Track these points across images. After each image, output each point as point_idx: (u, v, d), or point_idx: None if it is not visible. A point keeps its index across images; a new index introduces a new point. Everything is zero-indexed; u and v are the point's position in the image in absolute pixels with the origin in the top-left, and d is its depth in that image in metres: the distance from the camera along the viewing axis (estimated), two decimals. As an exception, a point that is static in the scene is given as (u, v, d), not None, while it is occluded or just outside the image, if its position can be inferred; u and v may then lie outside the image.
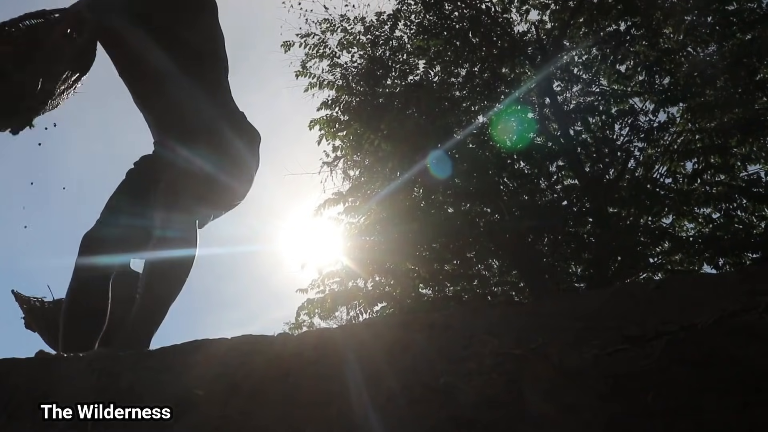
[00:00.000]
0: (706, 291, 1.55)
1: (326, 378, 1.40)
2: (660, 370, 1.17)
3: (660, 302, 1.54)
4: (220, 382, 1.46)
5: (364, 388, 1.32)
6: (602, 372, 1.20)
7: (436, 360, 1.40)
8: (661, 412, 1.07)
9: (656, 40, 10.12)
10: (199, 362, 1.60)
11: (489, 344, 1.40)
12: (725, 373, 1.12)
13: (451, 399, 1.22)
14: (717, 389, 1.09)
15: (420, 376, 1.33)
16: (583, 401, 1.14)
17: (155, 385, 1.51)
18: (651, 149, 10.13)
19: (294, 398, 1.35)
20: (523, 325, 1.52)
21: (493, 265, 11.07)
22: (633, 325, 1.39)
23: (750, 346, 1.18)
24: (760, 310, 1.28)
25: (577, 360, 1.26)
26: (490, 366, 1.30)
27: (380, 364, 1.42)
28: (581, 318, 1.50)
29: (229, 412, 1.34)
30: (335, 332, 1.83)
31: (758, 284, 1.51)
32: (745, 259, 8.16)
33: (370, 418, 1.23)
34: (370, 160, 10.58)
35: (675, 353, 1.21)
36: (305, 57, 11.22)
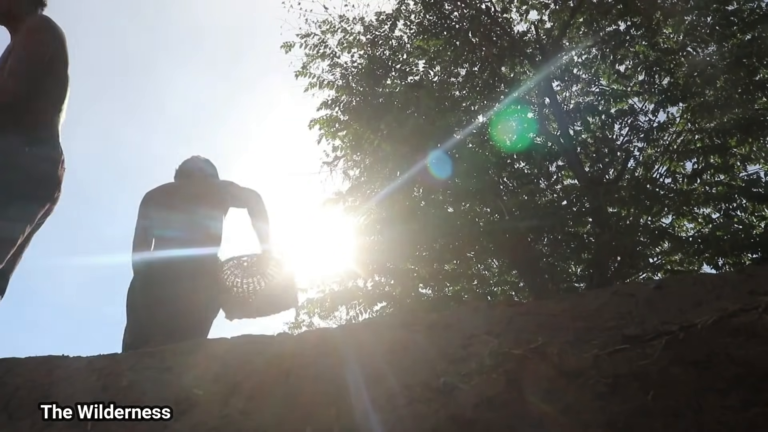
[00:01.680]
0: (706, 291, 1.55)
1: (326, 378, 1.40)
2: (660, 370, 1.17)
3: (660, 302, 1.54)
4: (220, 382, 1.46)
5: (364, 388, 1.32)
6: (602, 372, 1.20)
7: (436, 360, 1.40)
8: (661, 412, 1.07)
9: (656, 40, 10.12)
10: (199, 362, 1.60)
11: (489, 344, 1.40)
12: (725, 373, 1.12)
13: (451, 399, 1.22)
14: (717, 389, 1.09)
15: (420, 376, 1.33)
16: (583, 401, 1.14)
17: (155, 385, 1.51)
18: (651, 149, 10.14)
19: (294, 398, 1.35)
20: (523, 325, 1.52)
21: (493, 265, 11.08)
22: (633, 325, 1.39)
23: (750, 346, 1.18)
24: (760, 310, 1.28)
25: (577, 360, 1.26)
26: (490, 366, 1.30)
27: (380, 364, 1.42)
28: (581, 318, 1.50)
29: (229, 412, 1.34)
30: (335, 332, 1.83)
31: (758, 284, 1.51)
32: (745, 259, 8.15)
33: (370, 418, 1.23)
34: (370, 160, 10.58)
35: (675, 353, 1.21)
36: (306, 58, 11.23)
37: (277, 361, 1.52)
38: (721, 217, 8.74)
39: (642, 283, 2.07)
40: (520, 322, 1.56)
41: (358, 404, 1.29)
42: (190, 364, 1.60)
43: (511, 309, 1.70)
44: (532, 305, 1.73)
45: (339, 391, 1.34)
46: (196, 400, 1.41)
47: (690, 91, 9.24)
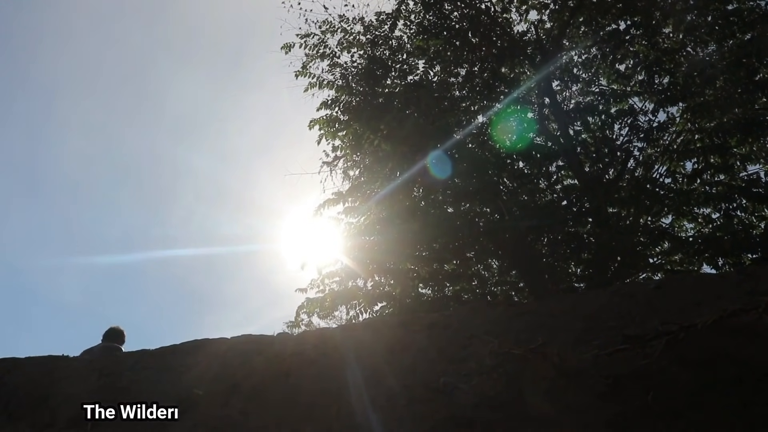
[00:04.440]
0: (706, 291, 1.55)
1: (326, 378, 1.40)
2: (660, 370, 1.17)
3: (660, 302, 1.54)
4: (220, 382, 1.46)
5: (364, 388, 1.32)
6: (602, 372, 1.20)
7: (436, 360, 1.40)
8: (661, 412, 1.07)
9: (656, 39, 10.12)
10: (199, 362, 1.59)
11: (489, 344, 1.40)
12: (725, 373, 1.12)
13: (451, 399, 1.22)
14: (717, 389, 1.09)
15: (420, 376, 1.33)
16: (583, 401, 1.14)
17: (155, 385, 1.51)
18: (651, 149, 10.13)
19: (294, 398, 1.35)
20: (523, 325, 1.52)
21: (493, 265, 11.07)
22: (633, 325, 1.39)
23: (750, 346, 1.18)
24: (760, 310, 1.28)
25: (577, 360, 1.26)
26: (490, 366, 1.30)
27: (380, 364, 1.42)
28: (581, 318, 1.50)
29: (229, 412, 1.34)
30: (335, 332, 1.83)
31: (758, 284, 1.51)
32: (745, 259, 8.15)
33: (370, 418, 1.23)
34: (369, 160, 10.57)
35: (675, 353, 1.21)
36: (306, 58, 11.22)
37: (277, 360, 1.52)
38: (721, 217, 8.74)
39: (642, 283, 2.07)
40: (520, 322, 1.56)
41: (358, 404, 1.29)
42: (190, 364, 1.60)
43: (511, 309, 1.71)
44: (532, 305, 1.73)
45: (339, 391, 1.34)
46: (197, 400, 1.41)
47: (690, 91, 9.24)
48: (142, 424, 1.38)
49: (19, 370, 1.68)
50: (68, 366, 1.70)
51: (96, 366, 1.64)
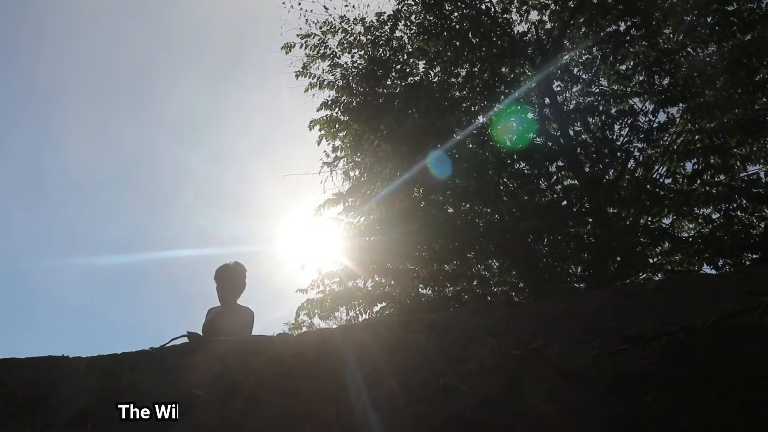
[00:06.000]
0: (706, 291, 1.55)
1: (326, 378, 1.40)
2: (660, 370, 1.17)
3: (660, 302, 1.54)
4: (220, 382, 1.46)
5: (364, 388, 1.32)
6: (602, 372, 1.20)
7: (436, 360, 1.40)
8: (661, 412, 1.07)
9: (656, 40, 10.12)
10: (199, 362, 1.59)
11: (489, 344, 1.40)
12: (725, 373, 1.12)
13: (451, 399, 1.21)
14: (717, 389, 1.09)
15: (420, 376, 1.33)
16: (583, 401, 1.14)
17: (155, 385, 1.51)
18: (651, 149, 10.13)
19: (294, 398, 1.35)
20: (523, 325, 1.52)
21: (493, 265, 11.07)
22: (633, 326, 1.39)
23: (750, 346, 1.18)
24: (760, 310, 1.28)
25: (577, 360, 1.26)
26: (490, 366, 1.29)
27: (380, 364, 1.42)
28: (581, 318, 1.50)
29: (229, 412, 1.34)
30: (335, 332, 1.83)
31: (758, 284, 1.51)
32: (745, 260, 8.15)
33: (370, 418, 1.23)
34: (370, 160, 10.57)
35: (675, 353, 1.21)
36: (306, 59, 11.22)
37: (277, 361, 1.52)
38: (721, 217, 8.73)
39: (642, 283, 2.07)
40: (520, 322, 1.56)
41: (358, 404, 1.29)
42: (190, 364, 1.60)
43: (511, 309, 1.71)
44: (532, 305, 1.73)
45: (339, 391, 1.34)
46: (197, 400, 1.41)
47: (690, 92, 9.23)
48: (142, 424, 1.38)
49: (19, 370, 1.68)
50: (68, 366, 1.70)
51: (96, 366, 1.64)
